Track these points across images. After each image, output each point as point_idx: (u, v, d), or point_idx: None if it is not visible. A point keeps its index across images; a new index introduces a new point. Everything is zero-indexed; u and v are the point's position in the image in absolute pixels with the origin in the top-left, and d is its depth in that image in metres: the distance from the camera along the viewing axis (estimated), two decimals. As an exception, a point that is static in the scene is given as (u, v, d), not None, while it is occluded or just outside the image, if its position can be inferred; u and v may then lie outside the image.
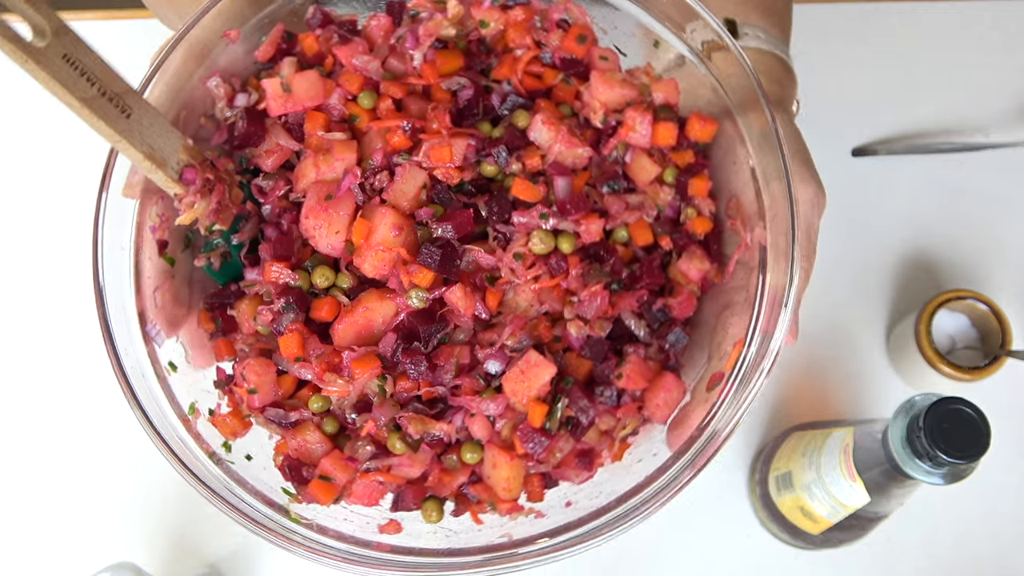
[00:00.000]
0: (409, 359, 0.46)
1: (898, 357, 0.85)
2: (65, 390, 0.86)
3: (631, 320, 0.49)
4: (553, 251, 0.48)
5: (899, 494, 0.65)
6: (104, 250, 0.46)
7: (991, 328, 0.81)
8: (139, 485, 0.84)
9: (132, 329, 0.46)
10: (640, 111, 0.50)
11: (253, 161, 0.50)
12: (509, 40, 0.53)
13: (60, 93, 0.41)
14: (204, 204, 0.47)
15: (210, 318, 0.49)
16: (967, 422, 0.57)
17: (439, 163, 0.49)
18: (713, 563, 0.81)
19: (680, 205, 0.51)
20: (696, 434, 0.46)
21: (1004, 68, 0.97)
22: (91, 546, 0.82)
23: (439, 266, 0.46)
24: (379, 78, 0.51)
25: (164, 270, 0.48)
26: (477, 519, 0.47)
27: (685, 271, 0.50)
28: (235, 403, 0.47)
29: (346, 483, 0.46)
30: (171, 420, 0.45)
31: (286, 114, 0.50)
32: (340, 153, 0.49)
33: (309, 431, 0.47)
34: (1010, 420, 0.84)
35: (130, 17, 0.99)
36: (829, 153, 0.93)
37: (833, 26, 0.98)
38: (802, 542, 0.78)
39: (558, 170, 0.49)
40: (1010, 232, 0.92)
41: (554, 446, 0.46)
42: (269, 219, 0.50)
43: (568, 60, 0.52)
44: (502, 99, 0.52)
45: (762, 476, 0.79)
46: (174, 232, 0.49)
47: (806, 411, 0.86)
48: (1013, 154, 0.93)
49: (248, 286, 0.49)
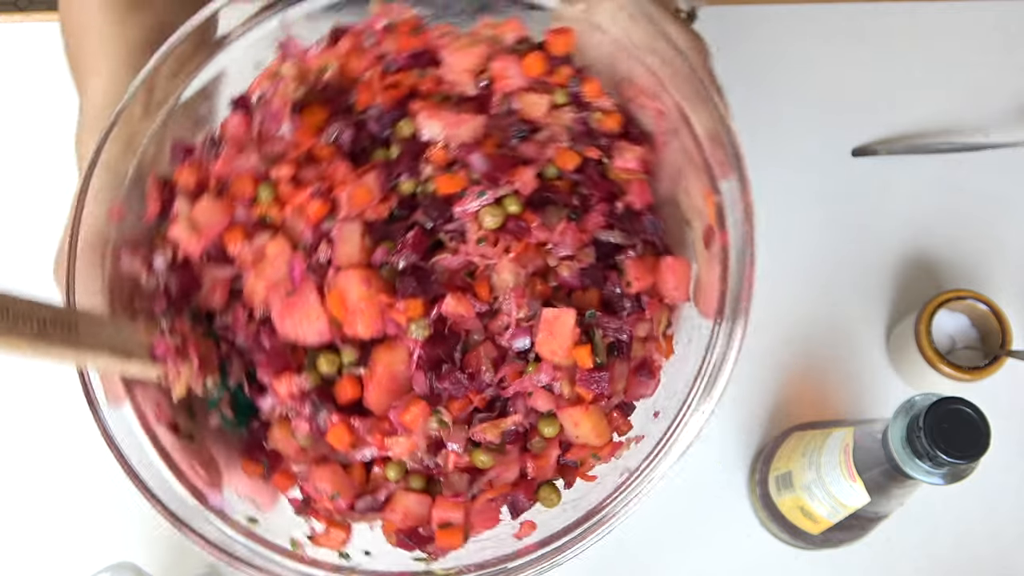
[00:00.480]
0: (448, 380, 0.46)
1: (898, 357, 0.86)
2: (65, 391, 0.84)
3: (606, 235, 0.50)
4: (506, 218, 0.49)
5: (899, 494, 0.65)
6: (134, 463, 0.45)
7: (991, 328, 0.81)
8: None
9: (200, 512, 0.46)
10: (502, 58, 0.52)
11: (202, 308, 0.50)
12: (352, 70, 0.53)
13: (6, 342, 0.40)
14: (188, 367, 0.47)
15: (254, 462, 0.49)
16: (967, 422, 0.57)
17: (363, 205, 0.49)
18: (713, 563, 0.82)
19: (584, 115, 0.52)
20: (722, 287, 0.47)
21: (1004, 68, 0.97)
22: (91, 546, 0.82)
23: (420, 290, 0.47)
24: (265, 168, 0.51)
25: (188, 447, 0.48)
26: (588, 478, 0.48)
27: (623, 165, 0.51)
28: (326, 517, 0.47)
29: (464, 520, 0.46)
30: (286, 563, 0.45)
31: (205, 249, 0.50)
32: (273, 252, 0.49)
33: (404, 498, 0.47)
34: (1010, 420, 0.84)
35: None
36: (829, 153, 0.94)
37: (833, 26, 0.98)
38: (802, 542, 0.78)
39: (466, 150, 0.50)
40: (1010, 232, 0.92)
41: (614, 375, 0.47)
42: (248, 348, 0.50)
43: (414, 55, 0.53)
44: (378, 123, 0.52)
45: (762, 476, 0.79)
46: (176, 410, 0.48)
47: (806, 411, 0.86)
48: (1013, 154, 0.93)
49: (269, 414, 0.49)
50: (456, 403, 0.47)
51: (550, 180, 0.51)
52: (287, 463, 0.49)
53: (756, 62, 0.98)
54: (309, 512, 0.48)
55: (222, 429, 0.50)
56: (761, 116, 0.94)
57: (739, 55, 0.97)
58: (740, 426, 0.85)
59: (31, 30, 1.00)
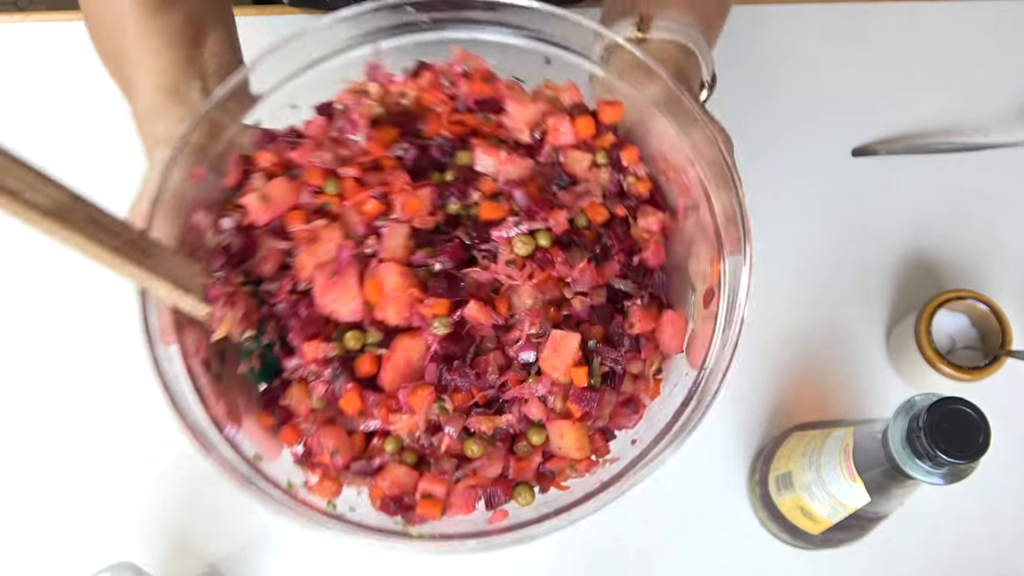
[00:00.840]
0: (456, 374, 0.52)
1: (898, 357, 0.86)
2: (65, 391, 0.87)
3: (619, 283, 0.57)
4: (536, 249, 0.55)
5: (899, 494, 0.65)
6: (171, 385, 0.51)
7: (991, 328, 0.80)
8: (139, 485, 0.85)
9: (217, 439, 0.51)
10: (557, 116, 0.59)
11: (253, 272, 0.56)
12: (427, 102, 0.61)
13: (93, 249, 0.46)
14: (232, 315, 0.53)
15: (268, 414, 0.54)
16: (967, 422, 0.57)
17: (414, 213, 0.56)
18: (713, 563, 0.82)
19: (619, 178, 0.59)
20: (710, 344, 0.53)
21: (1004, 68, 0.97)
22: (91, 546, 0.83)
23: (448, 292, 0.53)
24: (335, 166, 0.58)
25: (215, 385, 0.53)
26: (562, 488, 0.53)
27: (645, 227, 0.58)
28: (322, 471, 0.52)
29: (445, 496, 0.51)
30: (281, 497, 0.50)
31: (269, 221, 0.56)
32: (328, 236, 0.55)
33: (395, 469, 0.52)
34: (1010, 420, 0.84)
35: None
36: (829, 153, 0.94)
37: (833, 26, 0.99)
38: (802, 542, 0.78)
39: (511, 185, 0.57)
40: (1010, 232, 0.92)
41: (603, 399, 0.53)
42: (285, 314, 0.56)
43: (481, 101, 0.61)
44: (440, 150, 0.60)
45: (762, 476, 0.79)
46: (211, 351, 0.54)
47: (806, 411, 0.86)
48: (1013, 154, 0.93)
49: (292, 374, 0.54)
50: (460, 395, 0.52)
51: (579, 227, 0.58)
52: (297, 420, 0.54)
53: (756, 62, 0.98)
54: (308, 465, 0.53)
55: (246, 379, 0.55)
56: (761, 116, 0.95)
57: (740, 55, 0.98)
58: (740, 426, 0.86)
59: (31, 30, 1.01)
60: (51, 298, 0.91)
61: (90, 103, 0.96)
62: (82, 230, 0.45)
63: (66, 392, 0.88)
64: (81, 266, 0.51)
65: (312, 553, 0.83)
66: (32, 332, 0.90)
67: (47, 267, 0.91)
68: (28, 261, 0.92)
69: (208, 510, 0.85)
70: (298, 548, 0.83)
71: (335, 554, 0.82)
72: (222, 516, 0.84)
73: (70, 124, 0.97)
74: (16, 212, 0.42)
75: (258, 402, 0.55)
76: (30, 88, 1.00)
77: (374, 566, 0.82)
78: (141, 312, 0.51)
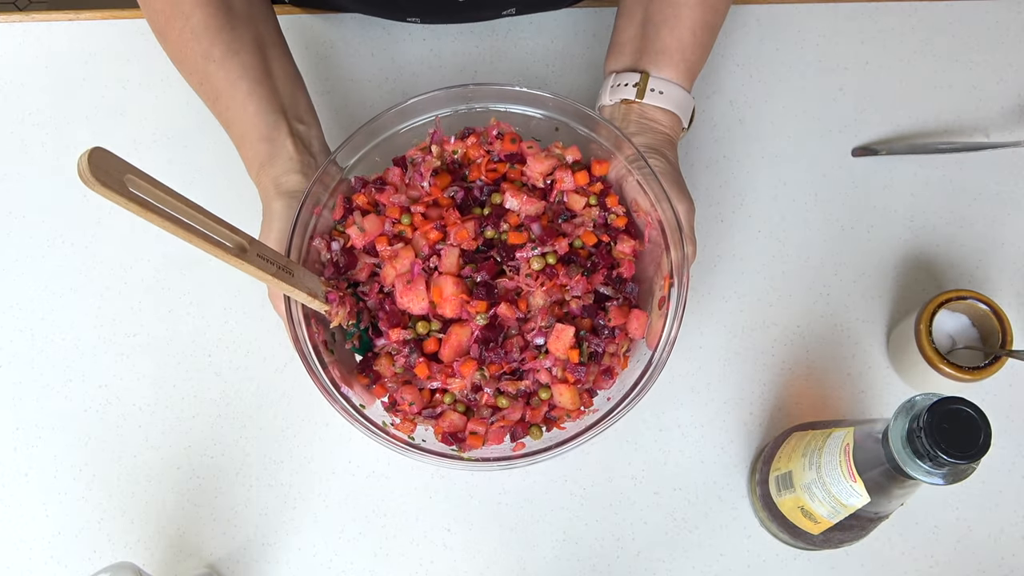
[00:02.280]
0: (492, 352, 0.78)
1: (898, 357, 0.85)
2: (66, 391, 0.90)
3: (603, 289, 0.82)
4: (546, 266, 0.81)
5: (899, 494, 0.65)
6: (309, 357, 0.76)
7: (991, 328, 0.79)
8: (139, 485, 0.86)
9: (335, 394, 0.77)
10: (562, 170, 0.84)
11: (352, 278, 0.82)
12: (471, 156, 0.86)
13: (262, 276, 0.71)
14: (343, 311, 0.79)
15: (365, 377, 0.81)
16: (967, 422, 0.56)
17: (463, 240, 0.81)
18: (713, 563, 0.83)
19: (605, 215, 0.84)
20: (661, 335, 0.79)
21: (1004, 68, 0.96)
22: (91, 546, 0.84)
23: (486, 296, 0.79)
24: (408, 204, 0.83)
25: (331, 357, 0.80)
26: (561, 428, 0.80)
27: (622, 249, 0.83)
28: (403, 415, 0.79)
29: (484, 433, 0.78)
30: (378, 432, 0.76)
31: (365, 245, 0.82)
32: (404, 255, 0.80)
33: (451, 415, 0.78)
34: (1010, 420, 0.84)
35: (131, 17, 1.02)
36: (829, 153, 0.94)
37: (833, 26, 0.98)
38: (802, 542, 0.78)
39: (530, 219, 0.82)
40: (1010, 232, 0.90)
41: (589, 371, 0.79)
42: (375, 308, 0.81)
43: (510, 155, 0.85)
44: (480, 191, 0.85)
45: (762, 476, 0.80)
46: (327, 334, 0.80)
47: (806, 411, 0.85)
48: (1013, 154, 0.92)
49: (380, 349, 0.81)
50: (494, 367, 0.78)
51: (576, 248, 0.83)
52: (384, 381, 0.80)
53: (757, 62, 0.99)
54: (393, 411, 0.79)
55: (350, 353, 0.81)
56: (762, 116, 0.96)
57: (740, 55, 0.99)
58: (740, 426, 0.86)
59: (31, 30, 1.01)
60: (51, 300, 0.94)
61: (90, 103, 1.00)
62: (255, 263, 0.70)
63: (66, 392, 0.90)
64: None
65: (312, 553, 0.87)
66: (33, 332, 0.93)
67: (48, 270, 0.95)
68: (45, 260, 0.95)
69: (208, 510, 0.86)
70: (298, 548, 0.87)
71: (335, 554, 0.87)
72: (222, 516, 0.87)
73: (70, 124, 0.99)
74: (211, 252, 0.66)
75: (358, 368, 0.81)
76: (30, 88, 1.00)
77: (374, 566, 0.86)
78: (288, 313, 0.76)
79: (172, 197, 0.62)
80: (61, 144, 0.98)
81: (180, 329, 0.93)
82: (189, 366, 0.92)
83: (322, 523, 0.87)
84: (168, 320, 0.94)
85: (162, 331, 0.93)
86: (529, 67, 1.01)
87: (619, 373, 0.81)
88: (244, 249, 0.69)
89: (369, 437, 0.75)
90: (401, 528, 0.87)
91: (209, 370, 0.92)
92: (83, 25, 1.00)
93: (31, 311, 0.93)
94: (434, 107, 0.85)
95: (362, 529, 0.87)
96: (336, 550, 0.87)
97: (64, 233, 0.95)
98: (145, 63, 1.01)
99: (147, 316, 0.93)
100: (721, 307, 0.92)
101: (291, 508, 0.88)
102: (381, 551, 0.87)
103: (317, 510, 0.88)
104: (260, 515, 0.87)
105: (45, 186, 0.97)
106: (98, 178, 0.55)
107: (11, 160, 0.97)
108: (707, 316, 0.92)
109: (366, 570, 0.86)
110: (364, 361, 0.81)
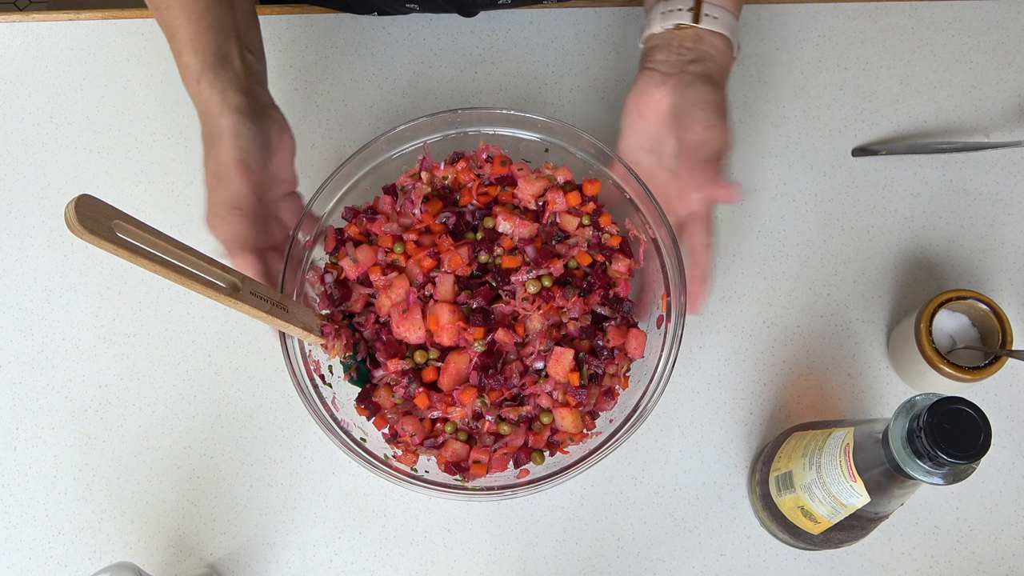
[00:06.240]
0: (491, 379, 0.77)
1: (898, 357, 0.85)
2: (65, 391, 0.90)
3: (600, 309, 0.82)
4: (542, 288, 0.80)
5: (899, 494, 0.65)
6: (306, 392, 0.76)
7: (991, 328, 0.79)
8: (139, 485, 0.87)
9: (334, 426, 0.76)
10: (554, 191, 0.83)
11: (348, 310, 0.81)
12: (461, 180, 0.85)
13: (256, 314, 0.70)
14: (339, 344, 0.78)
15: (364, 408, 0.80)
16: (968, 422, 0.56)
17: (457, 266, 0.80)
18: (713, 563, 0.83)
19: (599, 235, 0.84)
20: (661, 353, 0.78)
21: (1004, 68, 0.96)
22: (91, 546, 0.84)
23: (483, 323, 0.78)
24: (400, 232, 0.82)
25: (328, 391, 0.79)
26: (564, 452, 0.79)
27: (617, 269, 0.83)
28: (404, 446, 0.78)
29: (488, 461, 0.77)
30: (379, 464, 0.75)
31: (358, 275, 0.81)
32: (398, 284, 0.80)
33: (453, 444, 0.77)
34: (1010, 420, 0.84)
35: (131, 17, 1.03)
36: (829, 153, 0.95)
37: (833, 26, 0.99)
38: (802, 542, 0.78)
39: (523, 242, 0.82)
40: (1010, 232, 0.91)
41: (590, 393, 0.78)
42: (371, 339, 0.81)
43: (500, 177, 0.85)
44: (472, 215, 0.84)
45: (762, 476, 0.80)
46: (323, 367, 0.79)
47: (806, 411, 0.85)
48: (1013, 154, 0.93)
49: (379, 380, 0.80)
50: (494, 393, 0.77)
51: (571, 269, 0.82)
52: (384, 412, 0.79)
53: (757, 62, 0.99)
54: (394, 443, 0.79)
55: (349, 384, 0.81)
56: (762, 116, 0.97)
57: (741, 54, 0.99)
58: (740, 426, 0.87)
59: (31, 30, 1.01)
60: (51, 300, 0.94)
61: (90, 103, 1.00)
62: (249, 300, 0.70)
63: (66, 392, 0.90)
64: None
65: (312, 553, 0.87)
66: (33, 332, 0.92)
67: (48, 270, 0.94)
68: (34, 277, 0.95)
69: (208, 510, 0.87)
70: (297, 548, 0.87)
71: (335, 554, 0.86)
72: (222, 516, 0.87)
73: (70, 124, 0.99)
74: (204, 293, 0.66)
75: (357, 401, 0.80)
76: (30, 88, 1.00)
77: (374, 566, 0.86)
78: (284, 349, 0.76)
79: (162, 240, 0.62)
80: (61, 144, 0.99)
81: (180, 329, 0.93)
82: (189, 366, 0.92)
83: (322, 523, 0.87)
84: (168, 320, 0.93)
85: (162, 331, 0.93)
86: (529, 67, 1.02)
87: (620, 394, 0.81)
88: (237, 288, 0.69)
89: (371, 471, 0.74)
90: (401, 528, 0.87)
91: (209, 370, 0.92)
92: (83, 25, 1.00)
93: (31, 311, 0.93)
94: (423, 133, 0.85)
95: (362, 529, 0.87)
96: (336, 550, 0.86)
97: (64, 233, 0.95)
98: (145, 63, 1.02)
99: (147, 316, 0.93)
100: (721, 307, 0.92)
101: (291, 508, 0.88)
102: (381, 551, 0.86)
103: (317, 510, 0.87)
104: (260, 515, 0.87)
105: (45, 186, 0.97)
106: (85, 226, 0.55)
107: (11, 160, 0.98)
108: (707, 316, 0.92)
109: (366, 570, 0.86)
110: (363, 393, 0.80)
